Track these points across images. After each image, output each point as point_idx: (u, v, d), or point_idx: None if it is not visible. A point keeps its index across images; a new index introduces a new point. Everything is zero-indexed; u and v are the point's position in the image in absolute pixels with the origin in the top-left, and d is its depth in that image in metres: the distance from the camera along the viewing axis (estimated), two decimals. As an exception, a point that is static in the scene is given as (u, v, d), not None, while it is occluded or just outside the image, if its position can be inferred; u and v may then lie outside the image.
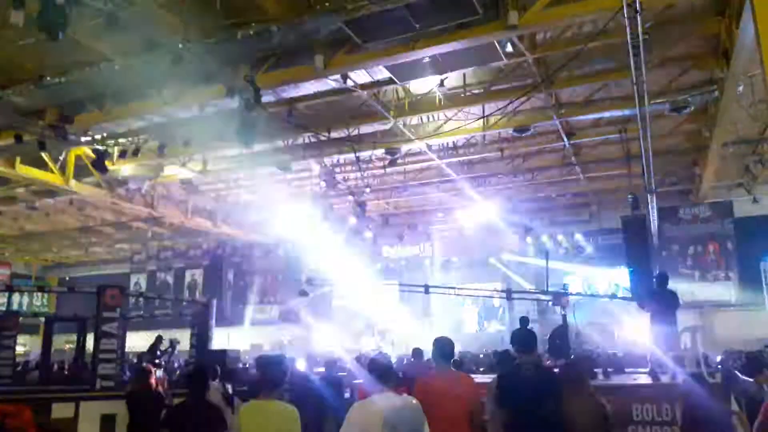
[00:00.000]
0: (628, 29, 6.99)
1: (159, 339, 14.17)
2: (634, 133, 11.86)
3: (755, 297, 16.75)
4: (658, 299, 9.21)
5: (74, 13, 7.00)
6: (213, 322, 12.98)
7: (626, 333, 15.81)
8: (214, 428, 4.63)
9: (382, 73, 10.00)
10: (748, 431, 5.13)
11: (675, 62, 10.35)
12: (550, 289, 12.23)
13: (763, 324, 15.66)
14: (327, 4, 7.87)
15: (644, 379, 8.66)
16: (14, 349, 11.66)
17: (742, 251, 17.16)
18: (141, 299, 23.11)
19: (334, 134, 12.79)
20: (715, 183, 15.40)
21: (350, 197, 16.55)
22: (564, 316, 10.83)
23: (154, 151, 13.09)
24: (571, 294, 11.77)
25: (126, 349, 11.44)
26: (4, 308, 13.10)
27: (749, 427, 5.25)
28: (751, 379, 6.61)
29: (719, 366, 10.51)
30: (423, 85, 10.92)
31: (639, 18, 6.82)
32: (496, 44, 8.89)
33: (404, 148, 13.40)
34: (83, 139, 12.42)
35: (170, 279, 25.69)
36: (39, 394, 8.67)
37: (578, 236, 19.63)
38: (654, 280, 9.92)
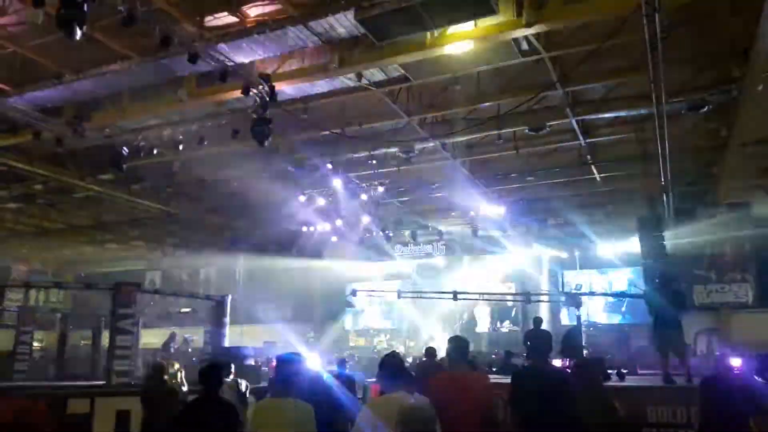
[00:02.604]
0: (645, 27, 6.93)
1: (173, 336, 14.29)
2: (650, 132, 11.75)
3: (773, 299, 16.54)
4: (662, 299, 9.08)
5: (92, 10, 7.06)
6: (227, 319, 13.06)
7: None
8: (228, 425, 4.64)
9: (397, 71, 10.01)
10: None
11: (692, 61, 10.23)
12: (564, 290, 12.18)
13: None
14: (343, 2, 7.89)
15: (658, 382, 8.60)
16: (31, 345, 11.81)
17: (760, 252, 16.95)
18: (156, 296, 23.29)
19: (348, 132, 12.79)
20: (733, 184, 15.18)
21: (363, 196, 16.53)
22: (578, 317, 10.81)
23: (170, 148, 13.19)
24: (584, 294, 11.70)
25: (140, 346, 11.52)
26: (21, 304, 13.23)
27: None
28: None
29: (736, 369, 10.39)
30: (437, 83, 10.89)
31: (657, 16, 6.76)
32: (512, 42, 8.85)
33: (418, 146, 13.37)
34: (100, 136, 12.52)
35: (185, 276, 25.83)
36: (55, 389, 8.76)
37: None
38: (657, 280, 9.73)
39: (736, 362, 10.45)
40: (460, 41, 8.50)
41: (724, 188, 15.58)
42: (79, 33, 6.80)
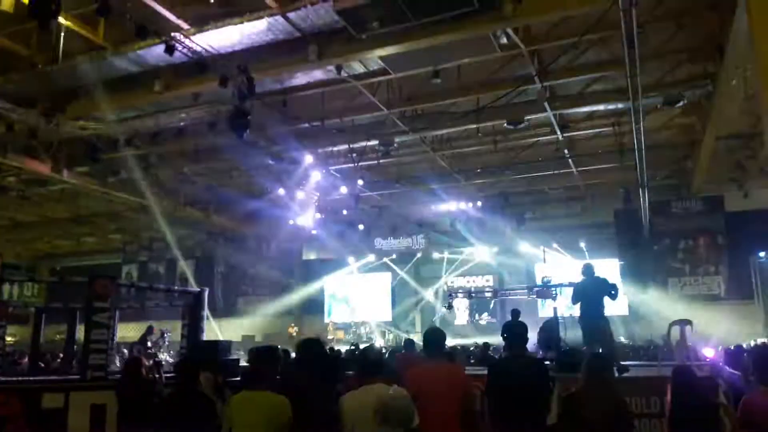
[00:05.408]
0: (623, 22, 7.00)
1: (150, 329, 14.16)
2: (627, 126, 11.88)
3: (745, 291, 16.81)
4: (584, 290, 9.03)
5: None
6: (205, 313, 12.94)
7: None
8: (204, 418, 4.62)
9: (376, 64, 9.99)
10: (735, 425, 5.15)
11: (669, 56, 10.36)
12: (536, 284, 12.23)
13: (753, 318, 15.78)
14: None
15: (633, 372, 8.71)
16: (4, 339, 11.61)
17: (732, 246, 17.23)
18: (132, 290, 23.02)
19: (328, 125, 12.77)
20: (707, 177, 15.44)
21: (343, 189, 16.49)
22: (555, 309, 10.90)
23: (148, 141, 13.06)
24: (554, 286, 11.70)
25: (117, 340, 11.39)
26: (-7, 298, 13.05)
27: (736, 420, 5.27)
28: (738, 372, 6.67)
29: (707, 359, 10.59)
30: (417, 76, 10.89)
31: (634, 11, 6.83)
32: (491, 36, 8.88)
33: (398, 139, 13.38)
34: (75, 128, 12.33)
35: (162, 270, 25.56)
36: (29, 384, 8.63)
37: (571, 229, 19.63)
38: (582, 272, 9.53)
39: (707, 353, 10.66)
40: (440, 35, 8.50)
41: (698, 182, 15.85)
42: (52, 23, 6.70)
